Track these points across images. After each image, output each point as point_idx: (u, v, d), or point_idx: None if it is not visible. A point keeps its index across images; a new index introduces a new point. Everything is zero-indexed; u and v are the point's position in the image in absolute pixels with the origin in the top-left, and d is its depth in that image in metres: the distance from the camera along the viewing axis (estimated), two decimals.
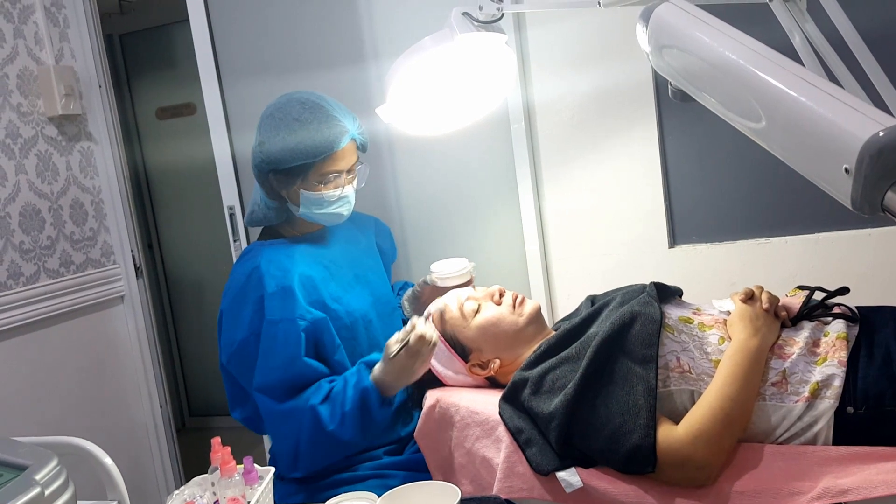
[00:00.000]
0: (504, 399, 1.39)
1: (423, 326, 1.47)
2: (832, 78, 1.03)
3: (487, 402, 1.43)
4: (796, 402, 1.23)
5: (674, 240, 1.99)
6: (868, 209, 0.81)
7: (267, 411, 1.56)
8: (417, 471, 1.56)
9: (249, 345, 1.57)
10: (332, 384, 1.55)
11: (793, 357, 1.28)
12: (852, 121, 0.81)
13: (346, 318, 1.63)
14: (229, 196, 2.27)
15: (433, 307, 1.58)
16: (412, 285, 1.86)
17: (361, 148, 1.68)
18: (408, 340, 1.45)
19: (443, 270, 1.70)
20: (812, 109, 0.86)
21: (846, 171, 0.81)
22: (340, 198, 1.63)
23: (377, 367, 1.52)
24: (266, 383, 1.55)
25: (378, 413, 1.52)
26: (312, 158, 1.57)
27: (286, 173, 1.60)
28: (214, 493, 1.16)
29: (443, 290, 1.68)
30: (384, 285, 1.81)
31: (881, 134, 0.78)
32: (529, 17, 2.00)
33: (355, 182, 1.67)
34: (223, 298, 1.64)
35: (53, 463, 1.05)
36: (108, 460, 1.33)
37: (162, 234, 4.01)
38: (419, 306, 1.77)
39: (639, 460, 1.20)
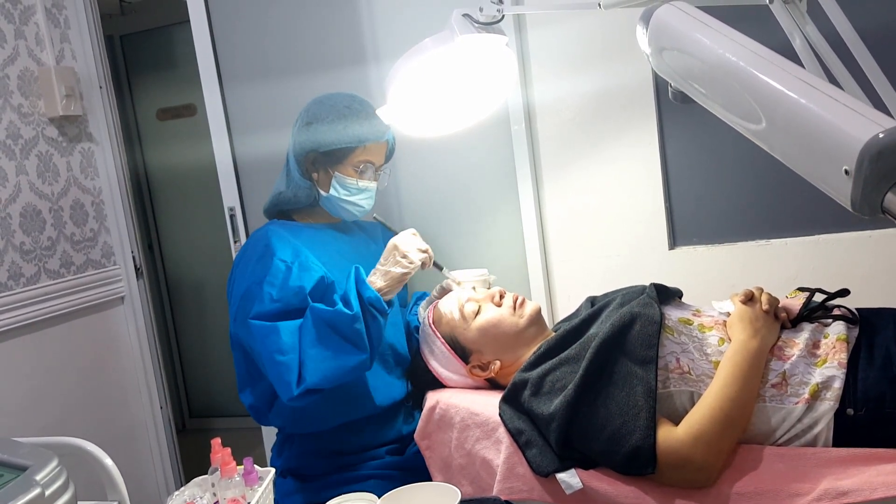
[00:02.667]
0: (504, 400, 1.39)
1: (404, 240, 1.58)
2: (832, 80, 1.03)
3: (487, 404, 1.43)
4: (796, 403, 1.23)
5: (674, 241, 1.99)
6: (868, 211, 0.81)
7: (262, 334, 1.48)
8: (419, 471, 1.56)
9: (253, 288, 1.53)
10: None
11: (793, 359, 1.28)
12: (852, 122, 0.81)
13: None
14: (230, 197, 2.27)
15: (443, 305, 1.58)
16: (428, 295, 1.86)
17: (389, 154, 1.76)
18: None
19: (460, 274, 1.72)
20: (812, 111, 0.86)
21: (846, 172, 0.81)
22: (367, 189, 1.69)
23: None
24: (266, 310, 1.50)
25: (372, 294, 1.49)
26: (358, 143, 1.65)
27: (326, 154, 1.66)
28: (214, 494, 1.16)
29: None
30: None
31: (881, 136, 0.78)
32: (530, 18, 2.00)
33: (378, 182, 1.73)
34: (234, 270, 1.64)
35: (54, 463, 1.05)
36: (108, 461, 1.33)
37: (162, 235, 4.01)
38: None
39: (639, 461, 1.20)
